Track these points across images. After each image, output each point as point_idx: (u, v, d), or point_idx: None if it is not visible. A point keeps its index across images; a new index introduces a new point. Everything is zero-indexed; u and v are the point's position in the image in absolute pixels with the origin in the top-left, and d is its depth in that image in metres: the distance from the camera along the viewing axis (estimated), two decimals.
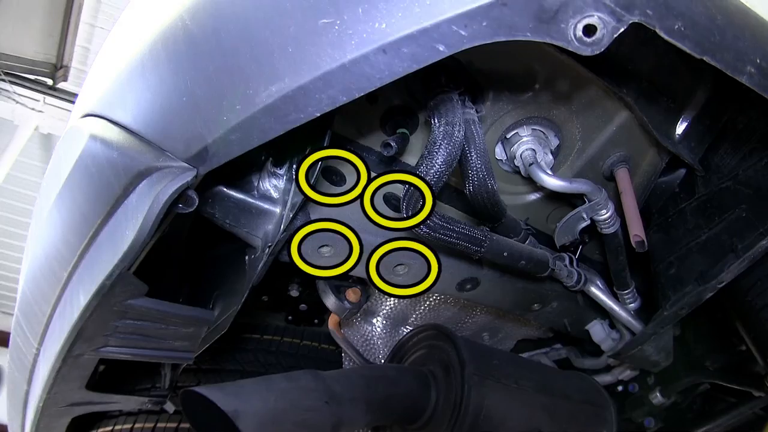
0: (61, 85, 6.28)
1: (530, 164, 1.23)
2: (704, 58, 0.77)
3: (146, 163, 0.88)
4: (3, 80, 5.84)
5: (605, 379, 1.86)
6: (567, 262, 1.45)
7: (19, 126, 6.31)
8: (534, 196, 1.43)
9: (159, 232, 1.01)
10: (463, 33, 0.71)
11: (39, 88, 6.26)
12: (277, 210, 1.09)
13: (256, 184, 1.11)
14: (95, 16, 6.00)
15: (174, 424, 1.59)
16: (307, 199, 1.02)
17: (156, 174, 0.87)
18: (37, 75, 6.13)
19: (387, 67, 0.73)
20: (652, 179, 1.40)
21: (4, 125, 6.30)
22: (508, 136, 1.27)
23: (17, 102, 6.14)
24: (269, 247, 1.06)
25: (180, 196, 0.87)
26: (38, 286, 1.15)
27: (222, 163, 0.84)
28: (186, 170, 0.85)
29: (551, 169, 1.27)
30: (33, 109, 6.27)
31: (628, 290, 1.51)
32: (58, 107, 6.30)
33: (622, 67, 1.14)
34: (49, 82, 6.25)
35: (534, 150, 1.24)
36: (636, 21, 0.72)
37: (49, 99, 6.31)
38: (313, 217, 1.09)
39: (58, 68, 6.04)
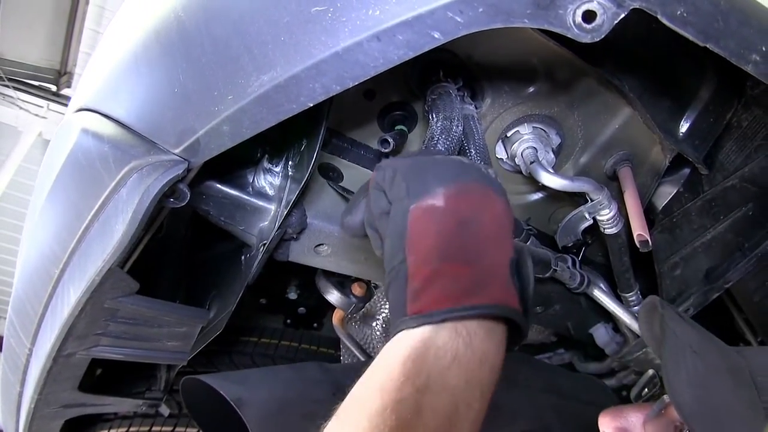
0: (65, 91, 6.28)
1: (531, 162, 1.21)
2: (707, 46, 0.75)
3: (137, 156, 0.86)
4: (7, 86, 5.86)
5: (609, 383, 1.82)
6: (570, 263, 1.43)
7: (23, 132, 6.33)
8: (535, 196, 1.40)
9: (152, 228, 0.99)
10: (458, 19, 0.69)
11: (43, 94, 6.28)
12: (272, 207, 1.08)
13: (251, 180, 1.10)
14: (99, 22, 6.00)
15: (169, 428, 1.57)
16: None
17: (147, 167, 0.85)
18: (41, 81, 6.15)
19: (381, 54, 0.71)
20: (656, 178, 1.37)
21: (8, 131, 6.31)
22: (508, 134, 1.24)
23: (21, 108, 6.16)
24: (264, 244, 1.05)
25: (172, 190, 0.85)
26: (31, 285, 1.13)
27: (214, 155, 0.83)
28: (177, 163, 0.84)
29: (553, 167, 1.25)
30: (36, 115, 6.28)
31: (632, 292, 1.48)
32: (62, 113, 6.31)
33: (623, 62, 1.11)
34: (53, 88, 6.27)
35: (535, 148, 1.22)
36: (637, 7, 0.70)
37: (52, 105, 6.32)
38: (308, 214, 1.07)
39: (61, 74, 6.06)
